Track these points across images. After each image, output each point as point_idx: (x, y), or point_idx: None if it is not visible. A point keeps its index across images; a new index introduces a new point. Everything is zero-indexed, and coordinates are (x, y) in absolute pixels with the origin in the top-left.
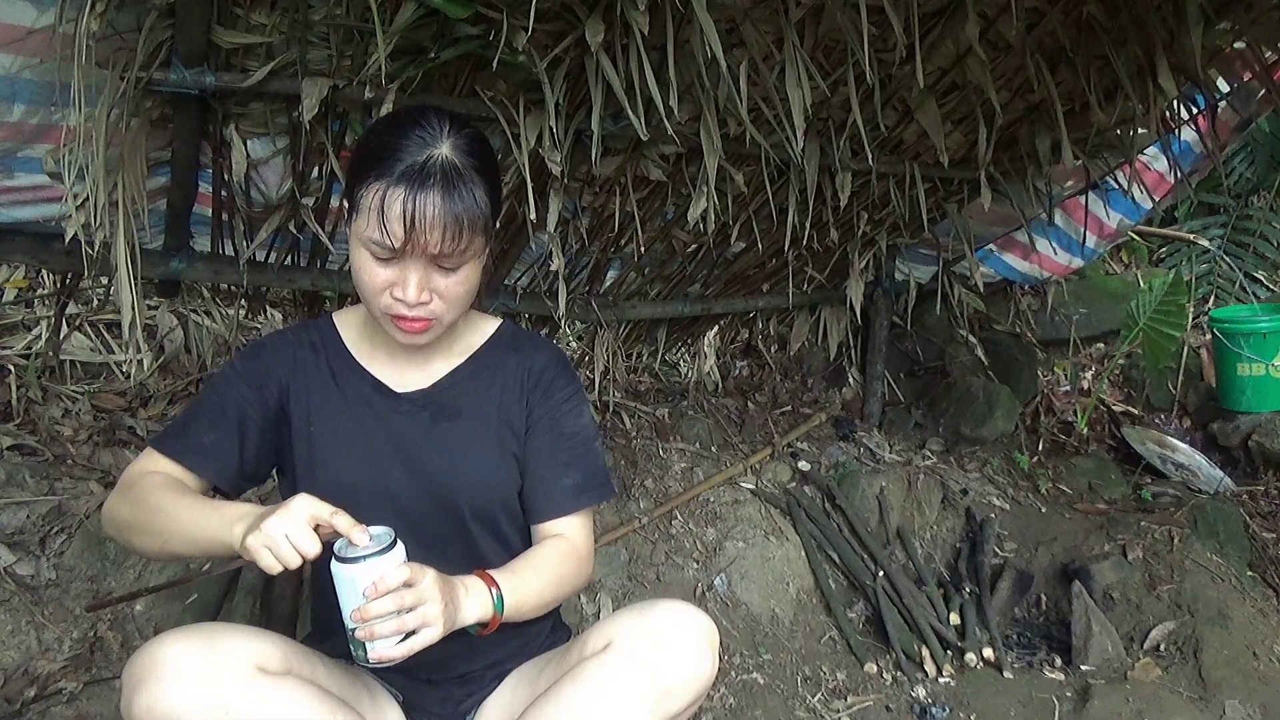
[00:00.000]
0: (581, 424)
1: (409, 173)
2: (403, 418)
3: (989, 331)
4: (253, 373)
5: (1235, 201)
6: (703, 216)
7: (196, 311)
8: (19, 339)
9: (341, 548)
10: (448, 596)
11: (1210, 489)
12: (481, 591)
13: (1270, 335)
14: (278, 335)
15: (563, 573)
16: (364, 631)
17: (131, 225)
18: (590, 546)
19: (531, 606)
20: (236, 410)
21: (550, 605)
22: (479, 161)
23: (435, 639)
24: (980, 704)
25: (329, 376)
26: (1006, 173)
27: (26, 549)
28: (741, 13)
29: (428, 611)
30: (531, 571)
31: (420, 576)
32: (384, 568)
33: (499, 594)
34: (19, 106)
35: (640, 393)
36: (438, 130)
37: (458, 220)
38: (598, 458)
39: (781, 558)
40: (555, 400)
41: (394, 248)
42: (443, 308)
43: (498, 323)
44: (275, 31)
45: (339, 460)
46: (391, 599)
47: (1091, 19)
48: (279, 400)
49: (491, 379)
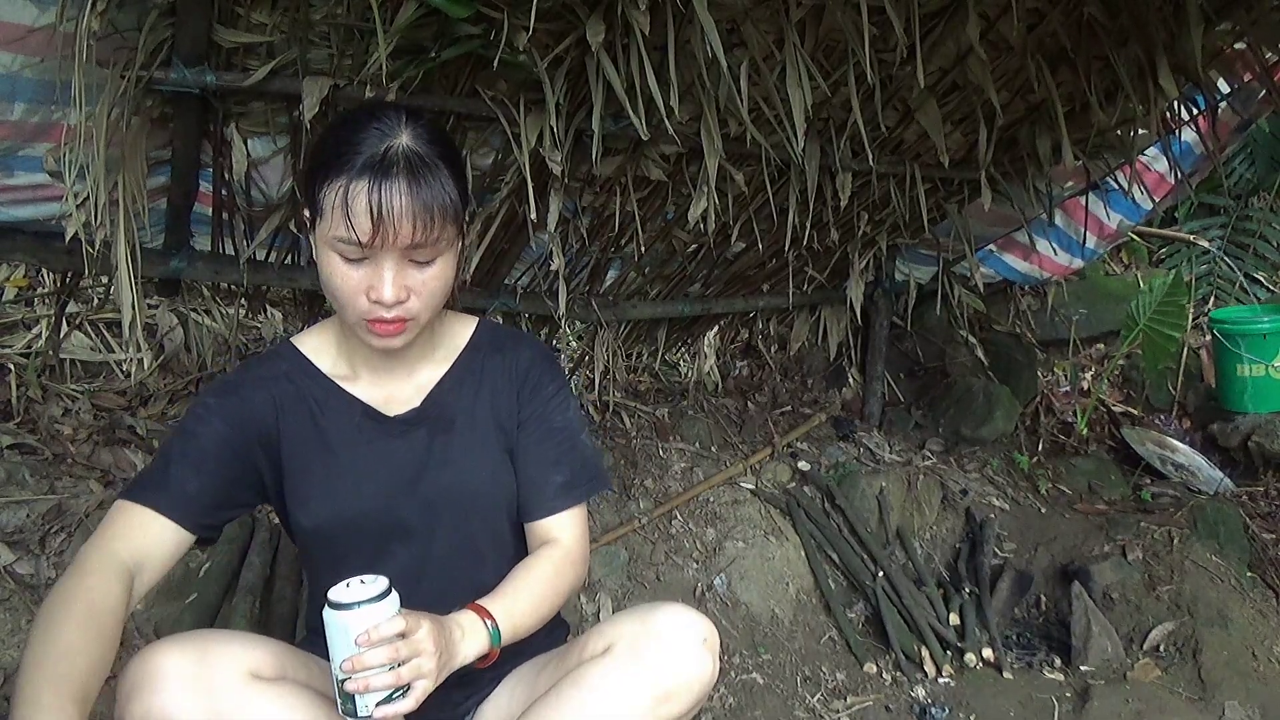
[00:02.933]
0: (568, 418)
1: (370, 164)
2: (399, 440)
3: (989, 332)
4: (230, 411)
5: (1235, 202)
6: (703, 216)
7: (197, 311)
8: (19, 338)
9: (337, 593)
10: (442, 644)
11: (1210, 490)
12: (477, 628)
13: (1270, 336)
14: (247, 372)
15: (558, 584)
16: (355, 683)
17: (132, 224)
18: (584, 545)
19: (529, 625)
20: (217, 451)
21: (548, 618)
22: (442, 149)
23: (428, 692)
24: (980, 704)
25: (314, 408)
26: (1007, 173)
27: (26, 548)
28: (742, 13)
29: (422, 664)
30: (525, 590)
31: (415, 626)
32: (379, 616)
33: (494, 626)
34: (19, 105)
35: (640, 393)
36: (394, 122)
37: (427, 208)
38: (586, 450)
39: (781, 558)
40: (544, 396)
41: (362, 243)
42: (419, 305)
43: (474, 322)
44: (276, 31)
45: (340, 494)
46: (386, 650)
47: (1092, 19)
48: (261, 439)
49: (479, 383)
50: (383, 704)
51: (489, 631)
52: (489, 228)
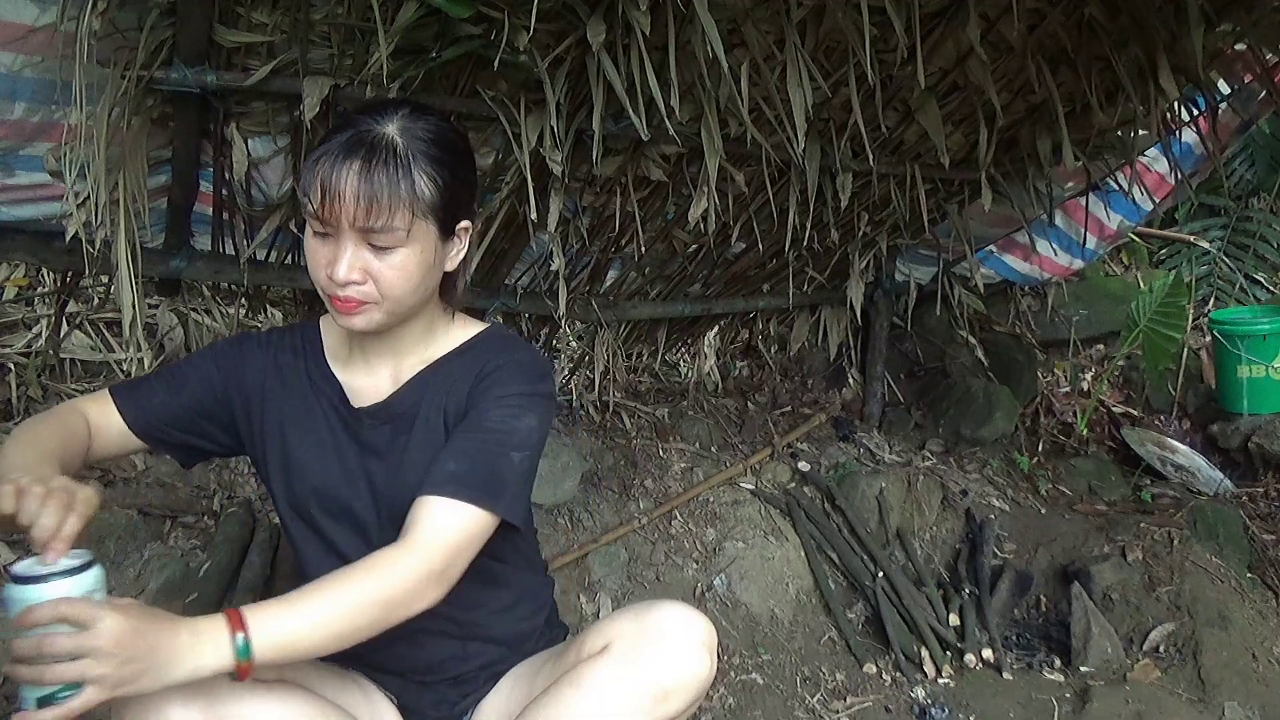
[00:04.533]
0: (509, 425)
1: (341, 143)
2: (369, 432)
3: (989, 332)
4: (228, 358)
5: (1235, 203)
6: (703, 217)
7: (197, 310)
8: (19, 337)
9: (24, 564)
10: (136, 648)
11: (1210, 491)
12: (220, 638)
13: (1270, 337)
14: (265, 334)
15: (371, 593)
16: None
17: (132, 224)
18: (443, 549)
19: (316, 642)
20: (196, 381)
21: (363, 631)
22: (430, 147)
23: (92, 703)
24: (979, 705)
25: (306, 382)
26: (1007, 174)
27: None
28: (743, 13)
29: (88, 668)
30: (319, 598)
31: (96, 619)
32: (43, 595)
33: (245, 639)
34: (20, 104)
35: (640, 393)
36: (393, 114)
37: (374, 194)
38: (506, 466)
39: (781, 558)
40: (493, 395)
41: (318, 216)
42: (376, 291)
43: (482, 327)
44: (277, 30)
45: (310, 466)
46: (40, 641)
47: (1093, 20)
48: (243, 392)
49: (447, 382)
50: (45, 701)
51: (235, 645)
52: (489, 228)
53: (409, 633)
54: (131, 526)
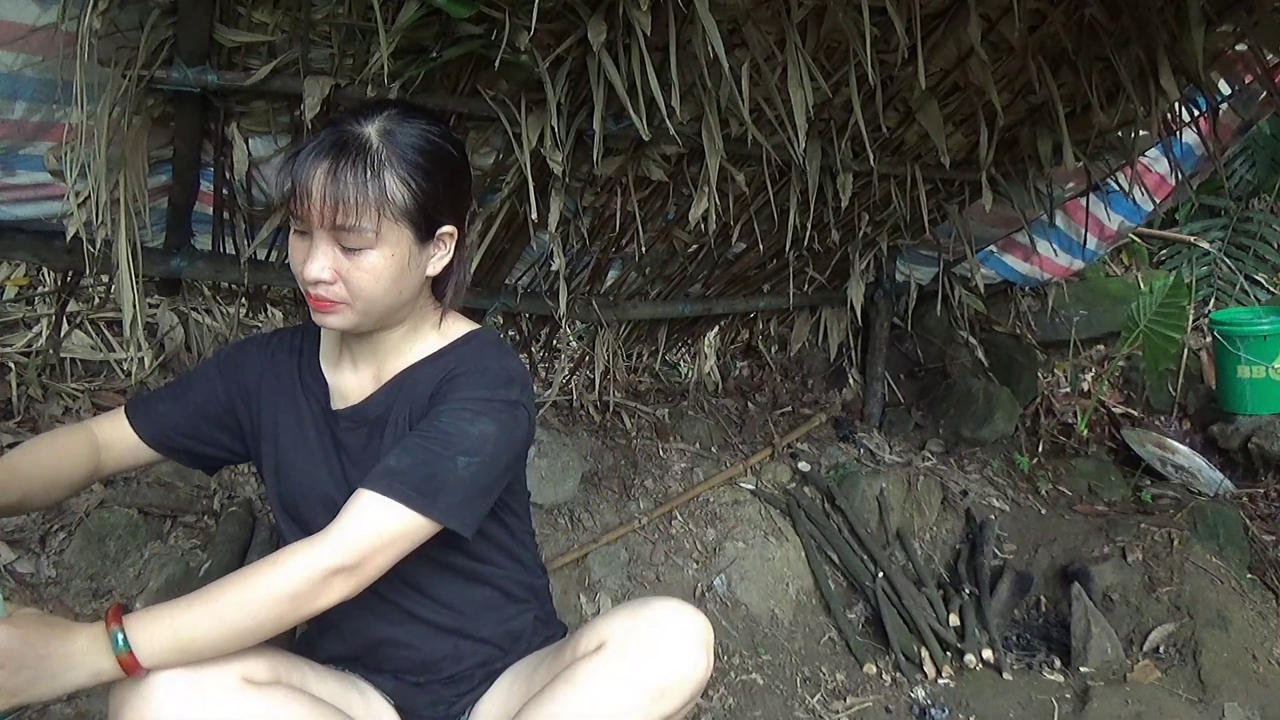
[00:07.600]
0: (458, 427)
1: (317, 142)
2: (346, 434)
3: (989, 333)
4: (230, 363)
5: (1236, 204)
6: (704, 217)
7: (197, 310)
8: (19, 337)
9: None
10: (25, 659)
11: (1210, 491)
12: (97, 636)
13: (1270, 338)
14: (269, 335)
15: (274, 588)
16: None
17: (133, 223)
18: (359, 549)
19: (220, 636)
20: (200, 389)
21: (270, 624)
22: (408, 151)
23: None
24: (980, 705)
25: (297, 383)
26: (1008, 174)
27: (26, 547)
28: (743, 13)
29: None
30: (218, 594)
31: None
32: None
33: (119, 630)
34: (21, 104)
35: (640, 393)
36: (377, 114)
37: (340, 194)
38: (445, 468)
39: (781, 558)
40: (453, 398)
41: (290, 211)
42: (346, 292)
43: (469, 330)
44: (277, 30)
45: (298, 466)
46: None
47: (1093, 21)
48: (244, 396)
49: (418, 386)
50: None
51: (111, 639)
52: (489, 228)
53: (402, 634)
54: (132, 526)
